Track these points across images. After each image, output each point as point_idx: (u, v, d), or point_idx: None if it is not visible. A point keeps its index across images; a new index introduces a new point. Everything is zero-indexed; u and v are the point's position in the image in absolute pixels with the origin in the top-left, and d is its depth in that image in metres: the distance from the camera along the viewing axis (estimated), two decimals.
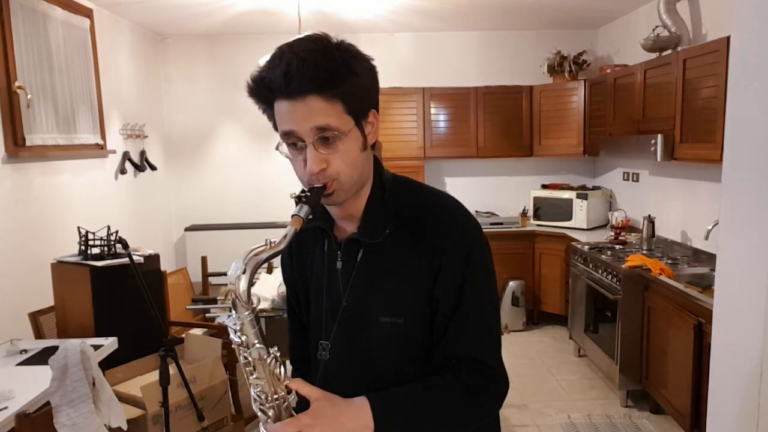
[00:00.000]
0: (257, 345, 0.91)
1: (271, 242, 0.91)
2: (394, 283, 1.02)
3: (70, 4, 3.72)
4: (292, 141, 0.96)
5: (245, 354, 0.92)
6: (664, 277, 3.28)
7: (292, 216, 0.92)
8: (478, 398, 1.00)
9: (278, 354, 0.93)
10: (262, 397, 0.92)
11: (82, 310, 2.75)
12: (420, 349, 1.03)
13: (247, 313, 0.90)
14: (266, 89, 0.95)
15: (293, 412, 0.93)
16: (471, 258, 1.01)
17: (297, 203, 0.94)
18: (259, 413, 0.94)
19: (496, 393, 1.03)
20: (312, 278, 1.13)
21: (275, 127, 0.99)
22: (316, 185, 0.95)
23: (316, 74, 0.90)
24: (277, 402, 0.92)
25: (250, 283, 0.90)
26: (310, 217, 0.94)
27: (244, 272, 0.90)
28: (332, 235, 1.08)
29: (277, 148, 1.00)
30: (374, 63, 1.00)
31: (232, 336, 0.92)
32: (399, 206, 1.05)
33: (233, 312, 0.91)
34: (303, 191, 0.95)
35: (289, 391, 0.93)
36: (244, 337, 0.91)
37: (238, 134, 5.55)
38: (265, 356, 0.91)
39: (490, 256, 1.06)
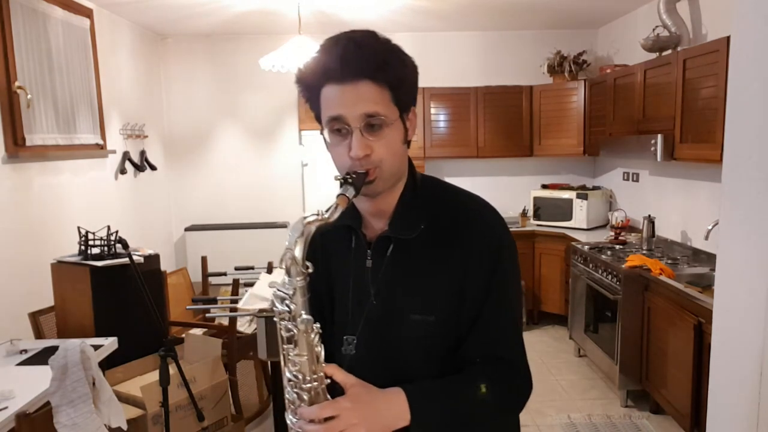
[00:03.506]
0: (304, 316, 0.88)
1: (321, 212, 0.89)
2: (425, 280, 1.02)
3: (70, 4, 3.72)
4: (338, 127, 0.96)
5: (290, 326, 0.89)
6: (664, 277, 3.28)
7: (339, 195, 0.91)
8: (505, 395, 1.02)
9: (320, 330, 0.91)
10: (299, 377, 0.90)
11: (82, 310, 2.74)
12: (448, 346, 1.03)
13: (300, 279, 0.88)
14: (318, 73, 0.95)
15: (328, 397, 0.92)
16: (500, 259, 1.02)
17: (342, 184, 0.94)
18: (294, 396, 0.91)
19: (523, 391, 1.04)
20: (338, 276, 1.12)
21: (317, 117, 1.00)
22: (358, 170, 0.95)
23: (372, 59, 0.92)
24: (314, 384, 0.90)
25: (305, 249, 0.88)
26: (354, 197, 0.93)
27: (301, 235, 0.88)
28: (360, 233, 1.08)
29: (321, 134, 1.01)
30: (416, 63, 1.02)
31: (277, 306, 0.90)
32: (430, 204, 1.05)
33: (286, 278, 0.89)
34: (348, 173, 0.95)
35: (325, 376, 0.91)
36: (293, 305, 0.89)
37: (238, 134, 5.55)
38: (310, 330, 0.89)
39: (516, 257, 1.07)
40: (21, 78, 3.14)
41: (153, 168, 4.96)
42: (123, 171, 4.44)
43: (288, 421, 0.93)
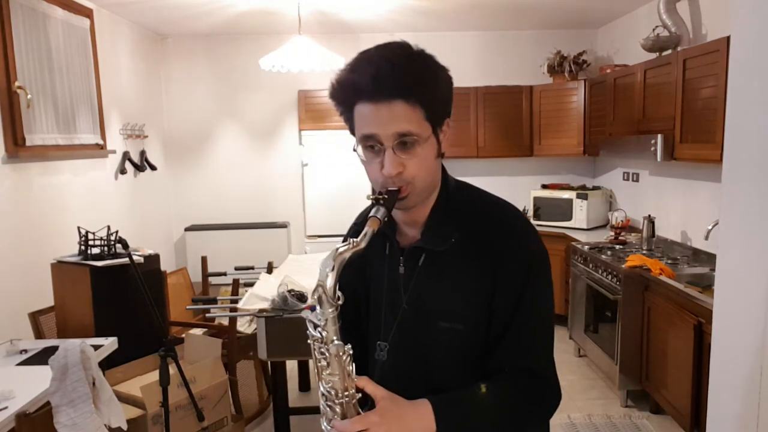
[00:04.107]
0: (336, 342, 0.93)
1: (353, 241, 0.92)
2: (454, 290, 1.04)
3: (70, 4, 3.72)
4: (371, 144, 0.98)
5: (323, 350, 0.94)
6: (664, 277, 3.28)
7: (369, 217, 0.94)
8: (533, 406, 1.04)
9: (351, 352, 0.95)
10: (332, 393, 0.94)
11: (82, 310, 2.75)
12: (476, 354, 1.05)
13: (331, 310, 0.92)
14: (351, 92, 0.96)
15: (360, 410, 0.96)
16: (531, 271, 1.03)
17: (374, 205, 0.97)
18: (327, 409, 0.96)
19: (550, 402, 1.07)
20: (373, 280, 1.15)
21: (351, 131, 1.01)
22: (391, 188, 0.97)
23: (405, 79, 0.93)
24: (345, 399, 0.94)
25: (336, 281, 0.91)
26: (386, 219, 0.96)
27: (332, 270, 0.91)
28: (395, 240, 1.10)
29: (354, 150, 1.01)
30: (450, 74, 1.03)
31: (311, 331, 0.94)
32: (462, 215, 1.06)
33: (318, 308, 0.93)
34: (380, 193, 0.97)
35: (358, 390, 0.95)
36: (325, 333, 0.93)
37: (238, 134, 5.55)
38: (342, 353, 0.93)
39: (548, 268, 1.08)
40: (21, 78, 3.14)
41: (153, 168, 4.96)
42: (123, 171, 4.44)
43: (323, 427, 0.99)
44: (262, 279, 3.21)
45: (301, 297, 2.67)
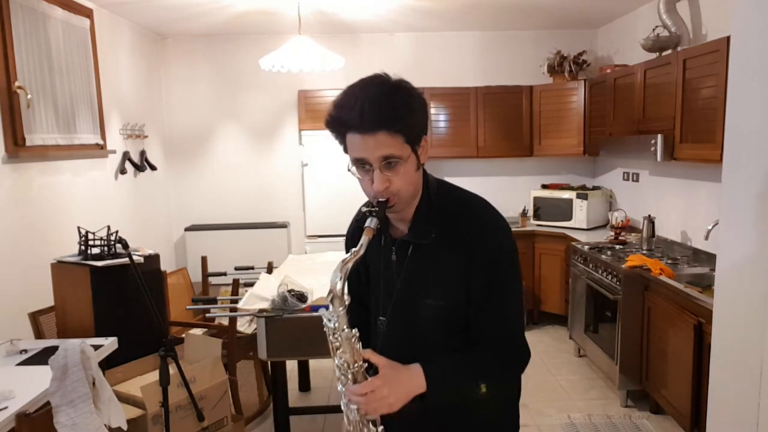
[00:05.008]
0: (346, 330, 1.18)
1: (353, 251, 1.16)
2: (437, 274, 1.28)
3: (70, 4, 3.72)
4: (362, 164, 1.20)
5: (336, 335, 1.19)
6: (664, 277, 3.28)
7: (365, 227, 1.19)
8: (507, 366, 1.29)
9: (358, 334, 1.19)
10: (345, 365, 1.20)
11: (82, 310, 2.74)
12: (457, 326, 1.29)
13: (341, 308, 1.17)
14: (342, 125, 1.19)
15: (366, 376, 1.21)
16: (499, 260, 1.26)
17: (367, 216, 1.21)
18: (341, 377, 1.22)
19: (521, 361, 1.30)
20: (371, 266, 1.42)
21: (345, 151, 1.23)
22: (380, 200, 1.21)
23: (387, 114, 1.15)
24: (355, 369, 1.20)
25: (345, 282, 1.16)
26: (379, 226, 1.20)
27: (340, 278, 1.15)
28: (388, 233, 1.35)
29: (349, 170, 1.24)
30: (423, 95, 1.24)
31: (326, 323, 1.19)
32: (441, 214, 1.28)
33: (330, 306, 1.17)
34: (371, 206, 1.23)
35: (364, 361, 1.20)
36: (337, 324, 1.18)
37: (238, 134, 5.55)
38: (351, 337, 1.19)
39: (517, 258, 1.30)
40: (21, 78, 3.14)
41: (153, 168, 4.96)
42: (123, 171, 4.45)
43: (339, 389, 1.23)
44: (262, 279, 3.21)
45: (301, 297, 2.67)
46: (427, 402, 1.20)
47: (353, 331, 1.19)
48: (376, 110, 1.13)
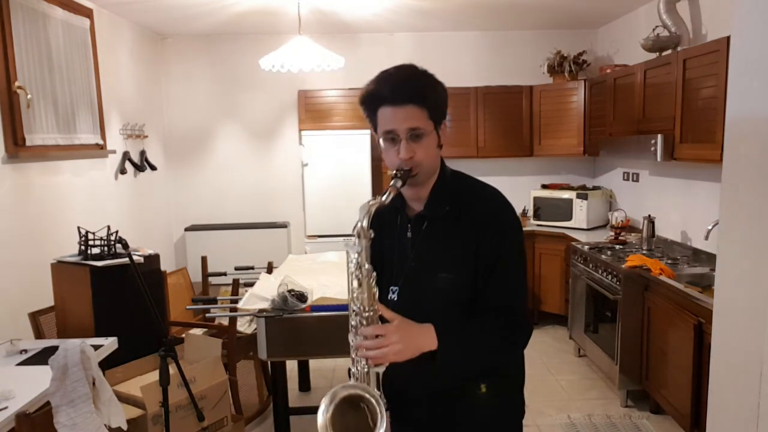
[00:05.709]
0: (367, 266, 1.26)
1: (378, 197, 1.27)
2: (449, 248, 1.38)
3: (70, 4, 3.72)
4: (391, 137, 1.33)
5: (357, 273, 1.26)
6: (664, 277, 3.28)
7: (391, 185, 1.30)
8: (511, 336, 1.36)
9: (376, 277, 1.27)
10: (361, 308, 1.27)
11: (82, 310, 2.75)
12: (465, 297, 1.37)
13: (366, 241, 1.25)
14: (377, 99, 1.33)
15: (380, 323, 1.27)
16: (506, 232, 1.37)
17: (393, 177, 1.32)
18: (356, 321, 1.28)
19: (524, 333, 1.39)
20: (386, 241, 1.50)
21: (374, 129, 1.38)
22: (404, 168, 1.32)
23: (415, 89, 1.31)
24: (370, 313, 1.27)
25: (369, 222, 1.26)
26: (401, 185, 1.31)
27: (366, 214, 1.25)
28: (404, 213, 1.47)
29: (379, 141, 1.37)
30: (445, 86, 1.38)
31: (351, 256, 1.27)
32: (455, 192, 1.42)
33: (356, 239, 1.26)
34: (398, 170, 1.33)
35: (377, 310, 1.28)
36: (361, 258, 1.26)
37: (238, 134, 5.55)
38: (370, 276, 1.26)
39: (520, 231, 1.42)
40: (21, 78, 3.14)
41: (153, 168, 4.96)
42: (123, 171, 4.45)
43: (350, 341, 1.30)
44: (262, 279, 3.21)
45: (301, 297, 2.67)
46: (436, 365, 1.26)
47: (373, 273, 1.26)
48: (407, 86, 1.30)
